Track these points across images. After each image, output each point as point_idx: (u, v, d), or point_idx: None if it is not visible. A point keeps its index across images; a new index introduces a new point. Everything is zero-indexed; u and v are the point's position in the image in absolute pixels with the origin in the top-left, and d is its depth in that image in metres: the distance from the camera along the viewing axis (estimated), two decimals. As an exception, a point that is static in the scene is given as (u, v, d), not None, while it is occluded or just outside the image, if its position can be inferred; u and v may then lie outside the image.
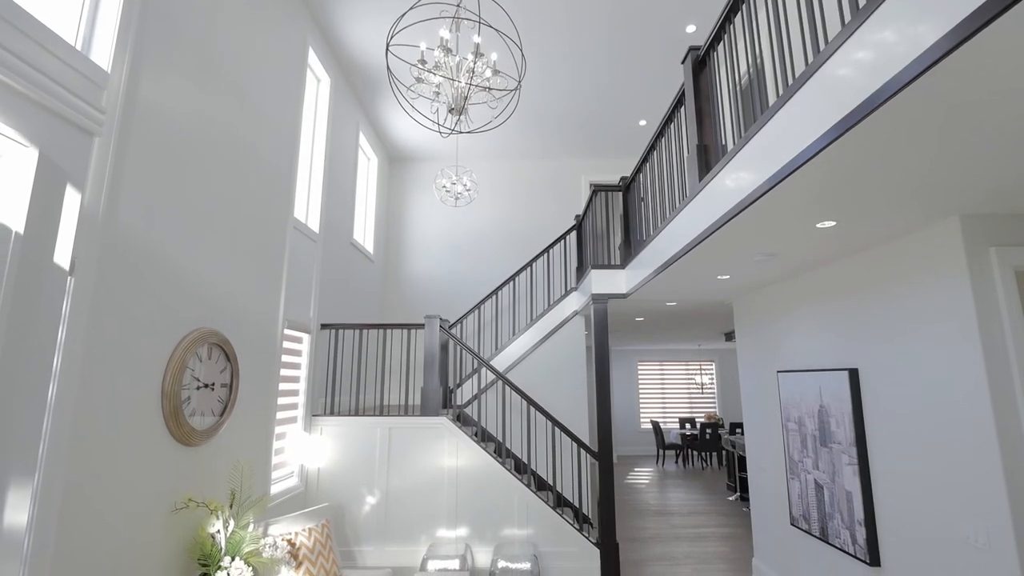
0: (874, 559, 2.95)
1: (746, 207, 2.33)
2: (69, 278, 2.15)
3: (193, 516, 2.88)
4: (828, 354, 3.42)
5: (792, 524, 3.74)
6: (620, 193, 5.19)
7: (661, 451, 10.43)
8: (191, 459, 2.90)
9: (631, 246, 4.78)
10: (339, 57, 5.13)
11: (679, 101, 3.44)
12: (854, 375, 3.14)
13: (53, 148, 1.42)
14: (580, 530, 4.36)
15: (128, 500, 2.42)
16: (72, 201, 1.46)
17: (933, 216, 2.48)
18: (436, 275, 7.22)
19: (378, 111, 6.16)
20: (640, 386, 11.85)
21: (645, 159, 4.33)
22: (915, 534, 2.70)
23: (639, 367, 11.90)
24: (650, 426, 11.63)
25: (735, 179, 2.46)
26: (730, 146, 2.70)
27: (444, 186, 6.05)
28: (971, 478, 2.39)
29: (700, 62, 3.11)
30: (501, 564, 3.98)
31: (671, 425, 11.68)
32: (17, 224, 1.29)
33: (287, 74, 4.07)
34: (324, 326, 4.75)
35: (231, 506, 2.95)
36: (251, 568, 2.74)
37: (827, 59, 1.75)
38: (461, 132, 3.30)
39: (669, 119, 3.67)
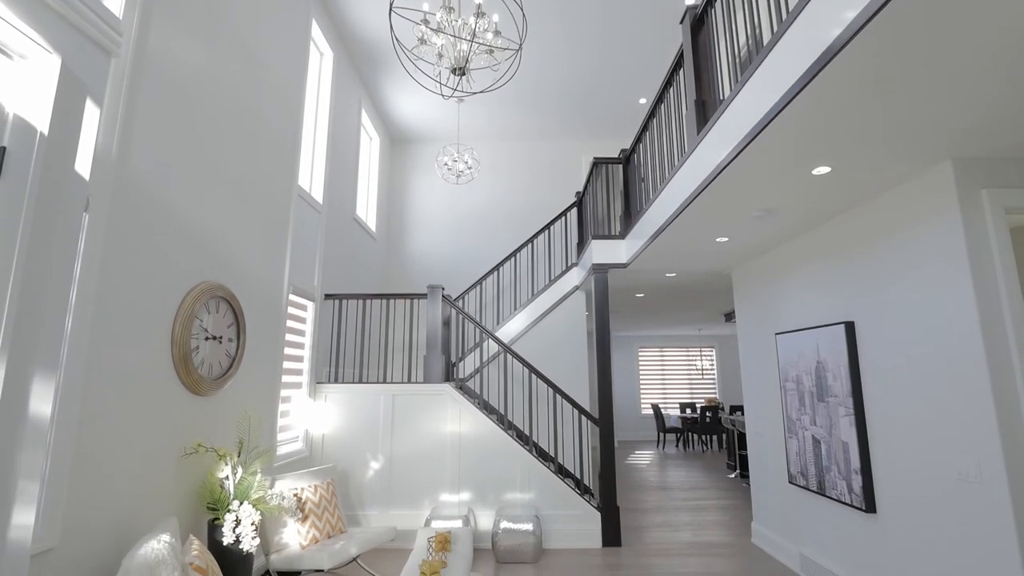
0: (870, 506, 3.01)
1: (744, 147, 2.39)
2: (84, 214, 2.22)
3: (202, 463, 2.95)
4: (825, 311, 3.48)
5: (790, 482, 3.80)
6: (620, 168, 5.24)
7: (662, 435, 10.50)
8: (200, 408, 2.96)
9: (631, 216, 4.83)
10: (341, 32, 5.19)
11: (678, 63, 3.50)
12: (850, 328, 3.19)
13: (74, 59, 1.47)
14: (581, 495, 4.42)
15: (139, 440, 2.48)
16: (91, 116, 1.51)
17: (926, 160, 2.53)
18: (438, 255, 7.28)
19: (380, 91, 6.21)
20: (641, 372, 11.90)
21: (645, 127, 4.39)
22: (910, 477, 2.76)
23: (640, 353, 11.96)
24: (650, 412, 11.69)
25: (732, 124, 2.51)
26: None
27: (446, 163, 6.11)
28: (964, 415, 2.45)
29: (698, 20, 3.16)
30: (504, 525, 4.05)
31: (672, 411, 11.74)
32: (42, 125, 1.35)
33: (291, 42, 4.13)
34: (328, 296, 4.81)
35: (239, 454, 3.01)
36: (259, 512, 2.80)
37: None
38: (463, 94, 3.35)
39: (668, 83, 3.72)
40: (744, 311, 4.66)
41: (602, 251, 4.89)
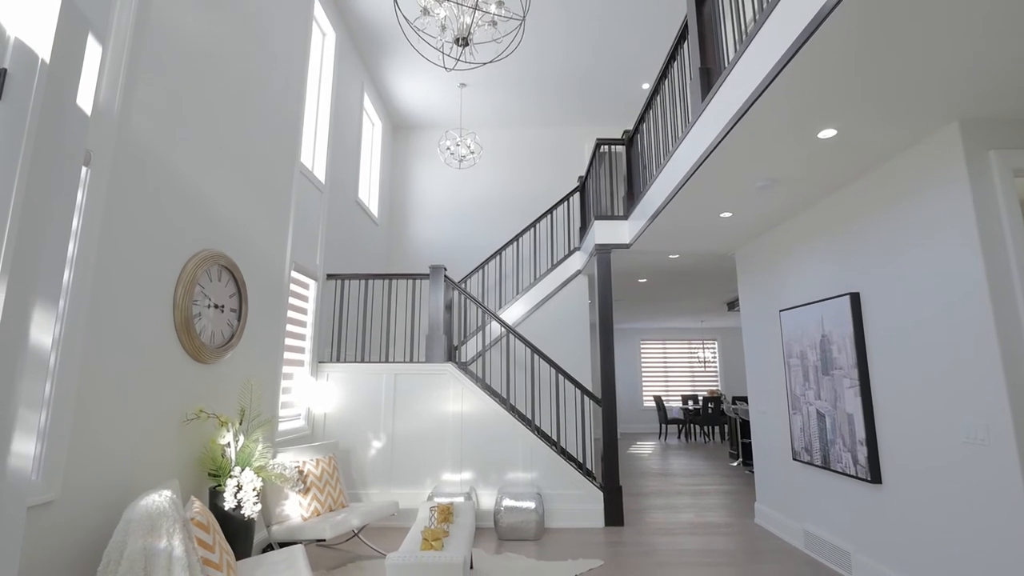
0: (875, 476, 2.99)
1: (750, 106, 2.37)
2: (84, 168, 2.21)
3: (203, 430, 2.94)
4: (830, 283, 3.46)
5: (794, 459, 3.77)
6: (624, 152, 5.22)
7: (663, 426, 10.47)
8: (202, 375, 2.95)
9: (634, 197, 4.81)
10: (344, 12, 5.17)
11: (682, 35, 3.48)
12: (855, 299, 3.17)
13: (76, -9, 1.46)
14: (584, 476, 4.39)
15: (140, 401, 2.47)
16: (94, 54, 1.50)
17: (933, 121, 2.51)
18: (440, 242, 7.26)
19: (383, 76, 6.19)
20: (643, 365, 11.88)
21: (649, 105, 4.37)
22: (916, 444, 2.74)
23: (642, 346, 11.93)
24: (652, 405, 11.67)
25: (737, 86, 2.49)
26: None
27: (448, 148, 6.10)
28: (971, 377, 2.42)
29: (703, -11, 3.14)
30: (506, 503, 4.03)
31: (674, 403, 11.72)
32: (43, 52, 1.34)
33: (294, 17, 4.11)
34: (330, 276, 4.80)
35: (240, 422, 3.00)
36: (260, 479, 2.78)
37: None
38: (469, 64, 3.33)
39: (672, 57, 3.70)
40: (747, 291, 4.64)
41: (605, 231, 4.87)
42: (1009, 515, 2.24)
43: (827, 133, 2.61)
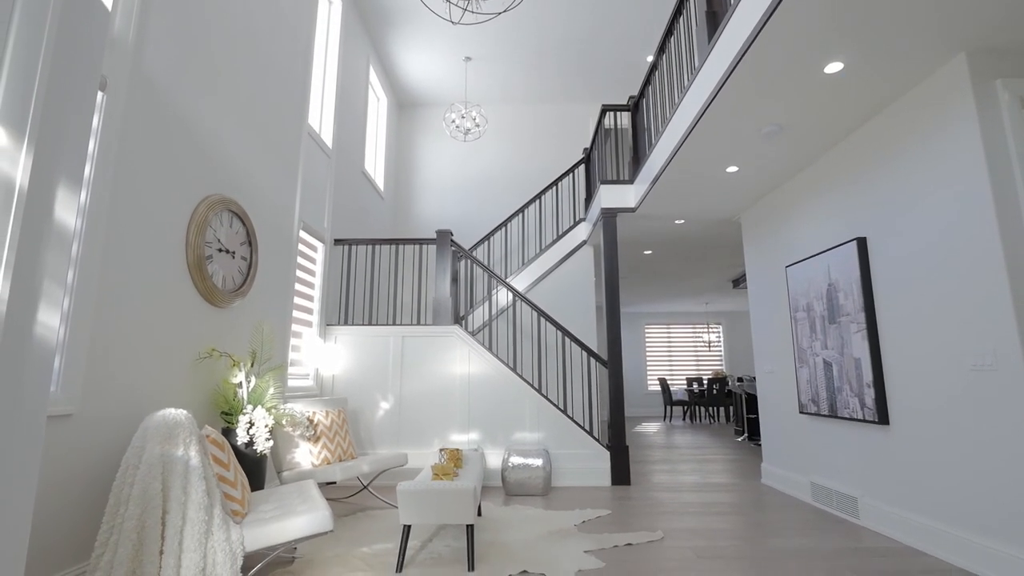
0: (883, 417, 3.00)
1: (757, 34, 2.38)
2: (100, 93, 2.24)
3: (215, 370, 2.97)
4: (836, 232, 3.47)
5: (801, 412, 3.79)
6: (628, 126, 5.23)
7: (668, 407, 10.47)
8: (214, 318, 2.98)
9: (639, 161, 4.82)
10: (350, -18, 5.20)
11: (688, -13, 3.49)
12: (862, 244, 3.18)
13: None
14: (590, 435, 4.42)
15: (154, 333, 2.50)
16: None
17: (940, 52, 2.51)
18: (445, 219, 7.28)
19: (388, 51, 6.21)
20: (647, 348, 11.88)
21: (655, 66, 4.38)
22: (923, 380, 2.74)
23: (646, 330, 11.93)
24: (657, 389, 11.68)
25: (743, 21, 2.50)
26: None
27: (454, 120, 6.13)
28: (978, 307, 2.43)
29: (709, -65, 3.15)
30: (514, 460, 4.05)
31: (679, 385, 11.72)
32: (65, -64, 1.37)
33: (301, -21, 4.15)
34: (338, 241, 4.83)
35: (252, 365, 3.03)
36: (272, 418, 2.81)
37: None
38: (484, 17, 3.35)
39: (679, 11, 3.72)
40: (753, 253, 4.64)
41: (610, 196, 4.88)
42: (1019, 442, 2.24)
43: (834, 67, 2.62)
